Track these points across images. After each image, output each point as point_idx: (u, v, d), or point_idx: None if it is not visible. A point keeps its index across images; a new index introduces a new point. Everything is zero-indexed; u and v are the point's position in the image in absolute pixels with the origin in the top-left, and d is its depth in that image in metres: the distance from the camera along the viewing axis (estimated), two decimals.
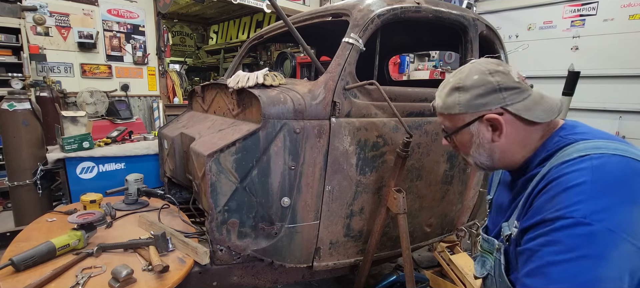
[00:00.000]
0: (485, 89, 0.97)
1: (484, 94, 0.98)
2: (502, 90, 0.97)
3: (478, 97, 0.98)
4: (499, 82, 0.97)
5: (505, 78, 0.97)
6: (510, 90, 0.97)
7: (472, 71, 1.00)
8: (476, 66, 1.01)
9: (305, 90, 1.84)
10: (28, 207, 2.90)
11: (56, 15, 4.85)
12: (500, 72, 0.98)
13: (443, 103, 1.06)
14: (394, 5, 1.99)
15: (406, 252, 1.94)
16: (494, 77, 0.97)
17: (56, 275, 1.45)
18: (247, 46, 3.15)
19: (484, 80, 0.98)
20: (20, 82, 4.17)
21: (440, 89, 1.08)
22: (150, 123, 5.79)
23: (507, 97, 0.96)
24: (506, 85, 0.97)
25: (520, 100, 0.97)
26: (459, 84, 1.01)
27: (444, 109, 1.06)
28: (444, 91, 1.06)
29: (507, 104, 0.97)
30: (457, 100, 1.01)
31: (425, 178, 2.21)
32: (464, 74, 1.01)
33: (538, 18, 6.94)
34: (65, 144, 2.85)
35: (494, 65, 0.99)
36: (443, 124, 1.11)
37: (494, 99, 0.97)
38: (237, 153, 1.66)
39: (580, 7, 6.42)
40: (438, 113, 1.11)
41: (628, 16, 5.93)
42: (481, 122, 1.01)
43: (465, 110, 1.01)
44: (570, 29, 6.57)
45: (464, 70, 1.03)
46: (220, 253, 1.75)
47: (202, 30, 11.22)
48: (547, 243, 0.82)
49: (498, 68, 0.98)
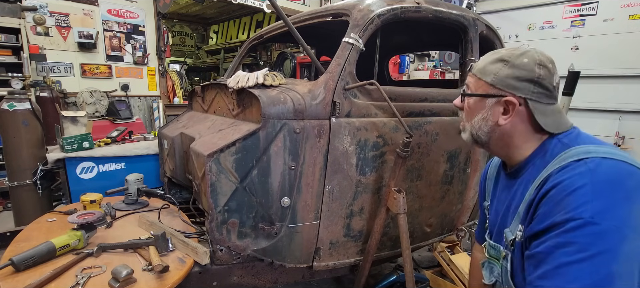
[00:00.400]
0: (526, 75, 1.00)
1: (522, 78, 1.00)
2: (537, 84, 1.00)
3: (514, 79, 1.01)
4: (540, 75, 0.99)
5: (547, 76, 1.00)
6: (543, 88, 1.00)
7: (526, 54, 1.02)
8: (532, 52, 1.03)
9: (305, 90, 1.84)
10: (28, 207, 2.90)
11: (56, 15, 4.85)
12: (547, 69, 1.00)
13: (483, 66, 1.08)
14: (394, 5, 1.99)
15: (406, 252, 1.94)
16: (540, 69, 1.00)
17: (56, 275, 1.45)
18: (247, 46, 3.15)
19: (530, 67, 1.00)
20: (20, 82, 4.17)
21: (490, 54, 1.10)
22: (150, 123, 5.79)
23: (536, 92, 1.00)
24: (543, 82, 1.00)
25: (543, 103, 1.01)
26: (508, 57, 1.03)
27: (480, 71, 1.08)
28: (491, 57, 1.08)
29: (532, 98, 1.00)
30: (496, 71, 1.04)
31: (425, 178, 2.21)
32: (518, 52, 1.03)
33: (538, 18, 6.94)
34: (65, 143, 2.85)
35: (547, 60, 1.01)
36: (468, 82, 1.14)
37: (525, 87, 1.00)
38: (237, 153, 1.66)
39: (580, 7, 6.42)
40: (471, 72, 1.13)
41: (628, 16, 5.93)
42: (499, 101, 1.04)
43: (495, 83, 1.04)
44: (570, 29, 6.57)
45: (520, 49, 1.05)
46: (220, 253, 1.76)
47: (202, 30, 11.22)
48: (559, 245, 0.84)
49: (548, 64, 1.01)
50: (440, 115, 2.17)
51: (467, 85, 1.15)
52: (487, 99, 1.06)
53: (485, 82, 1.06)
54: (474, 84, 1.11)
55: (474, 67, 1.12)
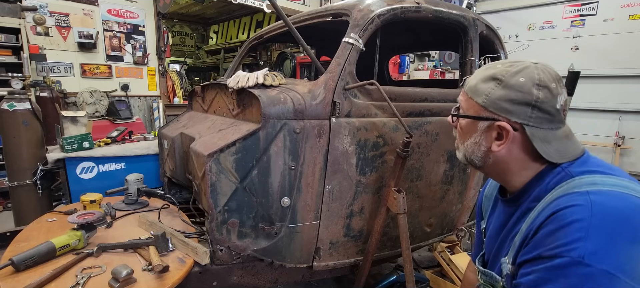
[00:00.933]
0: (521, 97, 0.89)
1: (516, 101, 0.90)
2: (535, 108, 0.89)
3: (508, 101, 0.90)
4: (539, 98, 0.88)
5: (548, 98, 0.88)
6: (542, 112, 0.89)
7: (523, 71, 0.91)
8: (531, 70, 0.91)
9: (305, 90, 1.84)
10: (28, 207, 2.90)
11: (56, 15, 4.85)
12: (548, 89, 0.89)
13: (474, 84, 0.98)
14: (394, 5, 1.99)
15: (406, 252, 1.94)
16: (539, 91, 0.88)
17: (56, 275, 1.45)
18: (247, 46, 3.15)
19: (527, 88, 0.89)
20: (20, 82, 4.17)
21: (483, 69, 0.99)
22: (150, 123, 5.79)
23: (533, 117, 0.89)
24: (543, 106, 0.88)
25: (543, 128, 0.90)
26: (502, 75, 0.92)
27: (471, 90, 0.98)
28: (484, 74, 0.97)
29: (528, 123, 0.90)
30: (488, 92, 0.93)
31: (425, 178, 2.21)
32: (514, 69, 0.92)
33: (538, 18, 6.94)
34: (65, 144, 2.85)
35: (550, 78, 0.90)
36: (459, 100, 1.04)
37: (521, 111, 0.90)
38: (237, 153, 1.66)
39: (580, 7, 6.42)
40: (463, 89, 1.03)
41: (628, 16, 5.94)
42: (492, 126, 0.94)
43: (487, 105, 0.93)
44: (570, 29, 6.57)
45: (518, 65, 0.93)
46: (220, 253, 1.76)
47: (202, 30, 11.22)
48: (542, 281, 0.80)
49: (550, 84, 0.89)
50: (440, 115, 2.17)
51: (459, 103, 1.04)
52: (479, 121, 0.96)
53: (477, 103, 0.95)
54: (465, 104, 1.01)
55: (466, 84, 1.02)
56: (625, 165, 6.25)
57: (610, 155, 6.28)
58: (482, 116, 0.95)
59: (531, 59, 0.94)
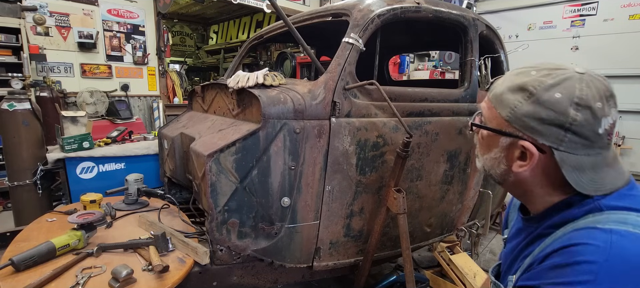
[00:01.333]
0: (553, 117, 0.74)
1: (547, 121, 0.75)
2: (569, 131, 0.73)
3: (537, 120, 0.76)
4: (575, 121, 0.73)
5: (588, 121, 0.72)
6: (578, 137, 0.73)
7: (562, 84, 0.75)
8: (574, 83, 0.74)
9: (305, 90, 1.84)
10: (28, 207, 2.90)
11: (56, 15, 4.85)
12: (590, 111, 0.72)
13: (500, 93, 0.83)
14: (394, 5, 1.99)
15: (406, 252, 1.94)
16: (577, 111, 0.72)
17: (56, 275, 1.45)
18: (247, 46, 3.15)
19: (563, 107, 0.73)
20: (20, 82, 4.17)
21: (514, 74, 0.84)
22: (150, 123, 5.79)
23: (566, 141, 0.74)
24: (580, 130, 0.73)
25: (577, 154, 0.75)
26: (534, 87, 0.76)
27: (496, 99, 0.84)
28: (513, 81, 0.81)
29: (558, 148, 0.75)
30: (515, 105, 0.79)
31: (425, 178, 2.21)
32: (551, 80, 0.76)
33: (538, 18, 6.94)
34: (65, 143, 2.85)
35: (596, 96, 0.73)
36: (482, 106, 0.90)
37: (551, 133, 0.75)
38: (237, 153, 1.66)
39: (580, 7, 6.42)
40: (488, 96, 0.89)
41: (628, 16, 5.94)
42: (515, 144, 0.81)
43: (512, 121, 0.79)
44: (570, 29, 6.57)
45: (557, 75, 0.76)
46: (220, 253, 1.76)
47: (202, 30, 11.22)
48: None
49: (594, 103, 0.72)
50: (440, 115, 2.17)
51: (480, 111, 0.91)
52: (501, 136, 0.83)
53: (500, 115, 0.82)
54: (488, 113, 0.86)
55: (491, 90, 0.87)
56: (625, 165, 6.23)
57: None
58: (505, 131, 0.81)
59: (577, 67, 0.78)
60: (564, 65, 0.80)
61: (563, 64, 0.81)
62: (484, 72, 2.41)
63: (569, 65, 0.79)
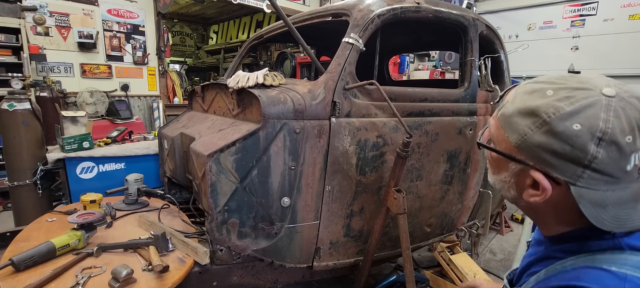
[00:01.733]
0: (570, 152, 0.62)
1: (562, 156, 0.63)
2: (588, 168, 0.62)
3: (549, 152, 0.64)
4: (596, 158, 0.60)
5: (613, 159, 0.60)
6: (600, 174, 0.62)
7: (584, 112, 0.61)
8: (598, 111, 0.61)
9: (305, 90, 1.84)
10: (28, 207, 2.90)
11: (56, 15, 4.85)
12: (616, 147, 0.60)
13: (510, 115, 0.70)
14: (394, 5, 1.99)
15: (406, 252, 1.94)
16: (600, 147, 0.60)
17: (56, 275, 1.45)
18: (247, 46, 3.15)
19: (582, 142, 0.61)
20: (20, 82, 4.17)
21: (526, 93, 0.70)
22: (150, 123, 5.79)
23: (585, 178, 0.63)
24: (602, 167, 0.61)
25: (598, 190, 0.63)
26: (549, 115, 0.63)
27: (504, 120, 0.72)
28: (524, 102, 0.68)
29: (576, 183, 0.63)
30: (525, 132, 0.67)
31: (425, 178, 2.21)
32: (570, 106, 0.62)
33: (538, 18, 6.95)
34: (65, 143, 2.85)
35: (626, 128, 0.60)
36: (490, 123, 0.79)
37: (566, 168, 0.64)
38: (237, 153, 1.66)
39: (580, 7, 6.43)
40: (496, 113, 0.77)
41: (628, 16, 5.95)
42: (525, 172, 0.70)
43: (522, 148, 0.68)
44: (570, 29, 6.58)
45: (577, 99, 0.63)
46: (220, 253, 1.76)
47: (202, 30, 11.22)
48: None
49: (623, 138, 0.59)
50: (440, 115, 2.17)
51: (488, 126, 0.80)
52: (510, 161, 0.72)
53: (509, 139, 0.70)
54: (495, 132, 0.75)
55: (500, 107, 0.75)
56: None
57: None
58: (514, 157, 0.71)
59: (605, 87, 0.63)
60: (589, 81, 0.65)
61: (588, 79, 0.66)
62: (484, 72, 2.41)
63: (596, 81, 0.65)
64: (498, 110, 0.75)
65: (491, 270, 3.20)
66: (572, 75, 0.68)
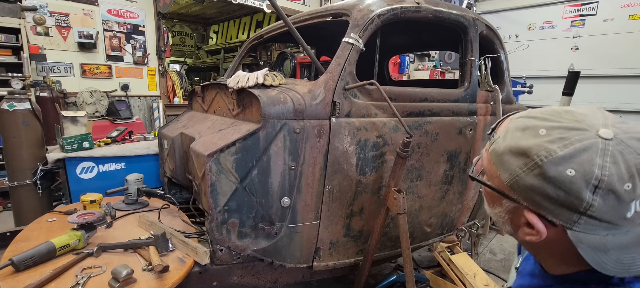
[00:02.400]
0: (564, 199, 0.59)
1: (555, 200, 0.59)
2: (583, 215, 0.58)
3: (542, 196, 0.61)
4: (592, 205, 0.57)
5: (612, 206, 0.57)
6: (597, 220, 0.58)
7: (579, 156, 0.57)
8: (593, 155, 0.57)
9: (305, 90, 1.84)
10: (28, 207, 2.90)
11: (56, 15, 4.85)
12: (615, 196, 0.56)
13: (500, 153, 0.67)
14: (394, 5, 1.99)
15: (406, 252, 1.94)
16: (596, 196, 0.56)
17: (56, 275, 1.45)
18: (247, 46, 3.15)
19: (576, 189, 0.57)
20: (20, 82, 4.16)
21: (518, 128, 0.66)
22: (150, 123, 5.79)
23: (582, 223, 0.59)
24: (599, 215, 0.58)
25: (597, 235, 0.59)
26: (540, 157, 0.60)
27: (495, 156, 0.68)
28: (516, 141, 0.64)
29: (572, 228, 0.60)
30: (516, 173, 0.63)
31: (425, 178, 2.21)
32: (564, 150, 0.58)
33: (538, 18, 6.95)
34: (65, 143, 2.85)
35: (625, 175, 0.56)
36: (482, 156, 0.76)
37: (560, 213, 0.60)
38: (237, 153, 1.66)
39: (580, 7, 6.42)
40: (487, 146, 0.73)
41: (628, 16, 5.94)
42: (518, 211, 0.67)
43: (514, 188, 0.65)
44: (570, 29, 6.57)
45: (572, 139, 0.59)
46: (220, 253, 1.76)
47: (202, 30, 11.22)
48: None
49: (621, 186, 0.56)
50: (440, 115, 2.17)
51: (481, 157, 0.76)
52: (504, 197, 0.68)
53: (500, 177, 0.67)
54: (488, 168, 0.71)
55: (491, 142, 0.71)
56: None
57: None
58: (507, 195, 0.67)
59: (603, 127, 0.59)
60: (585, 120, 0.61)
61: (583, 116, 0.61)
62: (484, 72, 2.41)
63: (593, 119, 0.60)
64: (490, 143, 0.72)
65: (491, 270, 3.20)
66: (567, 111, 0.64)
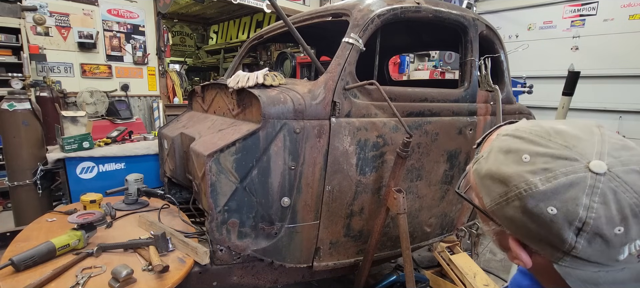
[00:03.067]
0: (545, 237, 0.54)
1: (536, 236, 0.55)
2: (567, 254, 0.54)
3: (524, 230, 0.56)
4: (575, 247, 0.52)
5: (599, 250, 0.51)
6: (582, 261, 0.53)
7: (563, 195, 0.51)
8: (579, 192, 0.50)
9: (305, 90, 1.84)
10: (28, 207, 2.90)
11: (56, 15, 4.85)
12: (603, 240, 0.50)
13: (482, 175, 0.62)
14: (394, 5, 1.99)
15: (406, 252, 1.94)
16: (580, 238, 0.51)
17: (56, 275, 1.45)
18: (247, 46, 3.15)
19: (557, 229, 0.52)
20: (20, 82, 4.17)
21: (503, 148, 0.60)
22: (150, 123, 5.79)
23: (567, 261, 0.54)
24: (586, 256, 0.53)
25: (586, 271, 0.55)
26: (520, 188, 0.55)
27: (478, 178, 0.63)
28: (497, 165, 0.59)
29: (558, 263, 0.56)
30: (497, 200, 0.59)
31: (425, 178, 2.21)
32: (545, 185, 0.52)
33: (538, 18, 6.95)
34: (65, 143, 2.85)
35: (617, 220, 0.50)
36: (468, 169, 0.69)
37: (544, 249, 0.56)
38: (237, 153, 1.66)
39: (580, 7, 6.42)
40: (472, 163, 0.68)
41: (628, 16, 5.94)
42: (504, 235, 0.62)
43: (497, 216, 0.60)
44: (570, 29, 6.58)
45: (559, 175, 0.52)
46: (220, 253, 1.75)
47: (202, 30, 11.22)
48: None
49: (611, 231, 0.50)
50: (440, 115, 2.17)
51: (468, 173, 0.69)
52: (490, 218, 0.63)
53: (484, 201, 0.62)
54: (474, 186, 0.66)
55: (475, 160, 0.66)
56: None
57: None
58: (491, 218, 0.62)
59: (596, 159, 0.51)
60: (577, 145, 0.53)
61: (576, 141, 0.54)
62: (484, 72, 2.41)
63: (586, 146, 0.53)
64: (474, 161, 0.66)
65: (491, 270, 3.20)
66: (558, 132, 0.56)
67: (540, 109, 6.76)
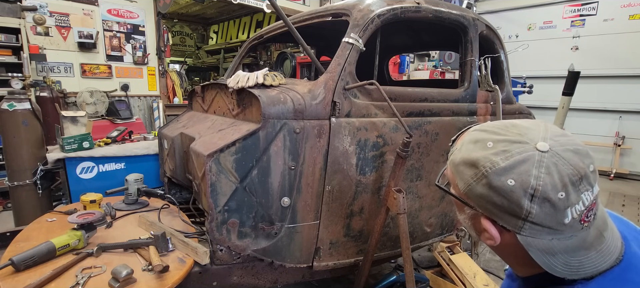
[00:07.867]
0: (507, 207, 0.65)
1: (501, 208, 0.66)
2: (526, 221, 0.64)
3: (491, 204, 0.67)
4: (531, 212, 0.63)
5: (549, 213, 0.63)
6: (539, 226, 0.64)
7: (518, 168, 0.64)
8: (530, 166, 0.63)
9: (305, 90, 1.84)
10: (28, 207, 2.90)
11: (56, 15, 4.85)
12: (550, 204, 0.62)
13: (457, 163, 0.73)
14: (394, 5, 1.99)
15: (406, 252, 1.94)
16: (533, 204, 0.63)
17: (56, 275, 1.45)
18: (247, 46, 3.15)
19: (516, 198, 0.63)
20: (20, 82, 4.17)
21: (471, 141, 0.72)
22: (150, 123, 5.79)
23: (527, 229, 0.65)
24: (540, 221, 0.63)
25: (544, 239, 0.65)
26: (486, 168, 0.66)
27: (453, 167, 0.75)
28: (468, 153, 0.71)
29: (520, 232, 0.66)
30: (468, 183, 0.70)
31: (425, 178, 2.21)
32: (505, 162, 0.65)
33: (538, 18, 6.95)
34: (65, 144, 2.85)
35: (558, 184, 0.62)
36: (448, 165, 0.80)
37: (508, 220, 0.66)
38: (237, 153, 1.66)
39: (580, 7, 6.43)
40: (449, 154, 0.80)
41: (628, 16, 5.95)
42: (477, 217, 0.73)
43: (469, 196, 0.71)
44: (570, 29, 6.58)
45: (513, 152, 0.65)
46: (220, 253, 1.75)
47: (202, 30, 11.22)
48: None
49: (555, 194, 0.62)
50: (440, 115, 2.17)
51: (447, 167, 0.81)
52: (464, 205, 0.74)
53: (459, 186, 0.73)
54: (450, 177, 0.78)
55: (450, 152, 0.79)
56: (625, 165, 6.25)
57: (610, 155, 6.28)
58: (466, 202, 0.73)
59: (541, 141, 0.65)
60: (527, 133, 0.67)
61: (527, 130, 0.68)
62: (484, 72, 2.41)
63: (534, 133, 0.66)
64: (450, 154, 0.78)
65: (491, 270, 3.20)
66: (514, 125, 0.71)
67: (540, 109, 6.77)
